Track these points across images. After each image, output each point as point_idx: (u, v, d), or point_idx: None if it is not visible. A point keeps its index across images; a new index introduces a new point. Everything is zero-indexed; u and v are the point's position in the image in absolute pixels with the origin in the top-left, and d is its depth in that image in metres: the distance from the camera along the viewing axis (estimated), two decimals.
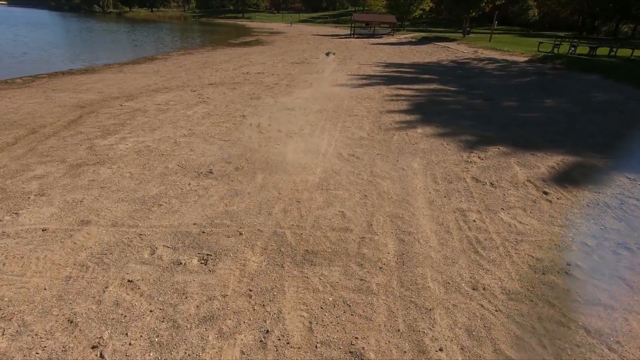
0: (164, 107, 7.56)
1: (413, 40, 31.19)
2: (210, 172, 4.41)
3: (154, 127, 6.15)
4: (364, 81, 10.97)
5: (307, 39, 31.95)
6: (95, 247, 2.98)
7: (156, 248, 2.98)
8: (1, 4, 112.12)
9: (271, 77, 11.38)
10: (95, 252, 2.91)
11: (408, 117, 7.05)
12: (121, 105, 7.67)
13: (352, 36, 36.83)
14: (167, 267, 2.75)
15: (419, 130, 6.25)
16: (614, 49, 17.11)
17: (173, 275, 2.67)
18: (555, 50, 18.43)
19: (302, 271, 2.74)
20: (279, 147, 5.28)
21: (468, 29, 35.64)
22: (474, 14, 30.65)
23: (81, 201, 3.70)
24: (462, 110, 7.73)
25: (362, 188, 4.08)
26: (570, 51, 17.31)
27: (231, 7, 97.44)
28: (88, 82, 10.34)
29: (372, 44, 27.74)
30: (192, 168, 4.55)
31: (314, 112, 7.28)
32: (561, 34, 34.48)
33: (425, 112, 7.49)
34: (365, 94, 9.02)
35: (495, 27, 32.16)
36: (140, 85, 9.84)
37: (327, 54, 18.85)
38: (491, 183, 4.23)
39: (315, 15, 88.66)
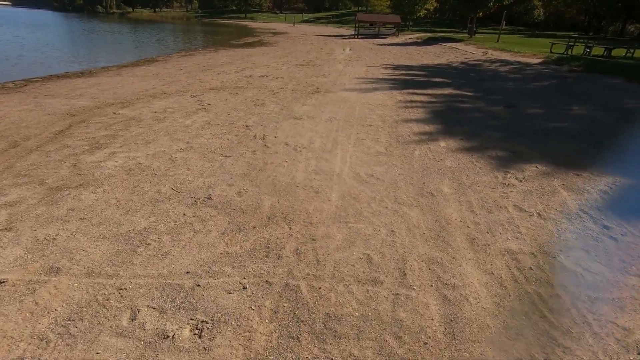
0: (160, 115, 6.94)
1: (419, 40, 30.49)
2: (209, 199, 3.78)
3: (148, 140, 5.53)
4: (374, 85, 10.32)
5: (311, 40, 31.30)
6: (62, 309, 2.35)
7: (138, 310, 2.35)
8: (5, 4, 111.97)
9: (275, 81, 10.74)
10: (61, 317, 2.28)
11: (427, 128, 6.40)
12: (115, 113, 7.05)
13: (356, 36, 36.14)
14: (149, 343, 2.12)
15: (442, 143, 5.60)
16: (631, 50, 16.39)
17: (157, 356, 2.03)
18: (569, 52, 17.71)
19: (324, 349, 2.10)
20: (287, 166, 4.65)
21: (474, 29, 34.93)
22: (480, 14, 29.90)
23: (54, 239, 3.07)
24: (485, 118, 7.08)
25: (387, 220, 3.44)
26: (585, 52, 16.59)
27: (234, 8, 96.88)
28: (83, 87, 9.74)
29: (378, 45, 27.06)
30: (188, 192, 3.92)
31: (324, 121, 6.64)
32: (573, 34, 33.66)
33: (445, 121, 6.83)
34: (377, 100, 8.37)
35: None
36: (138, 90, 9.22)
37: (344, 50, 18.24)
38: (538, 214, 3.58)
39: (318, 15, 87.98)
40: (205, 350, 2.08)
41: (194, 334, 2.18)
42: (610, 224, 3.39)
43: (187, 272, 2.70)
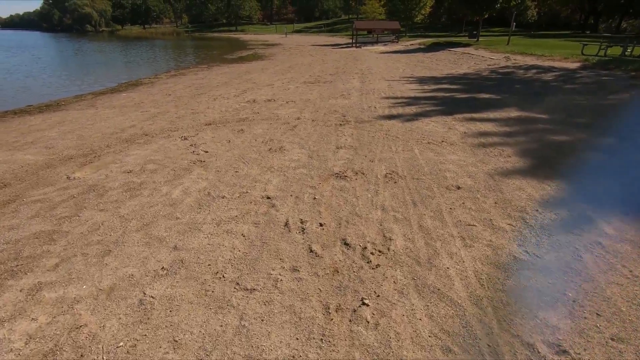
0: (136, 179, 4.59)
1: (422, 47, 28.44)
2: None
3: (107, 247, 3.17)
4: (413, 108, 8.05)
5: (308, 51, 29.15)
6: None
7: None
8: None
9: (287, 107, 8.44)
10: None
11: (546, 188, 4.10)
12: (69, 177, 4.70)
13: (354, 45, 34.09)
14: None
15: (606, 228, 3.29)
16: None
17: None
18: (603, 53, 15.65)
19: None
20: (371, 317, 2.32)
21: (475, 32, 33.02)
22: (486, 15, 27.97)
23: None
24: (614, 165, 4.81)
25: None
26: (626, 53, 14.52)
27: (224, 20, 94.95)
28: (40, 128, 7.37)
29: (381, 53, 24.95)
30: None
31: (382, 179, 4.34)
32: (567, 32, 31.79)
33: (560, 171, 4.55)
34: (434, 134, 6.09)
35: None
36: (111, 131, 6.86)
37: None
38: None
39: (308, 25, 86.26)
40: None
41: None
42: None
43: None
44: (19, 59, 23.05)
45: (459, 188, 4.07)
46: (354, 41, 34.47)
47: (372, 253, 2.96)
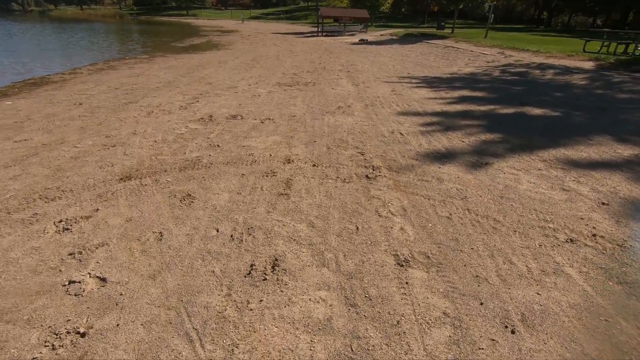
0: None
1: (395, 38, 25.83)
2: None
3: None
4: (460, 138, 5.23)
5: (271, 39, 25.47)
6: None
7: None
8: None
9: (264, 134, 5.26)
10: None
11: None
12: None
13: (319, 34, 30.77)
14: None
15: None
16: None
17: None
18: (604, 50, 13.87)
19: None
20: None
21: (442, 23, 31.02)
22: (461, 6, 25.86)
23: None
24: None
25: None
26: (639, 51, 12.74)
27: (174, 4, 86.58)
28: None
29: (354, 44, 21.98)
30: None
31: None
32: (520, 26, 30.90)
33: None
34: (555, 208, 3.29)
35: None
36: None
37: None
38: None
39: (266, 11, 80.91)
40: None
41: None
42: None
43: None
44: None
45: None
46: (319, 30, 31.11)
47: None
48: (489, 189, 3.58)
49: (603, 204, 3.30)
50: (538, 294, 2.24)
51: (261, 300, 2.20)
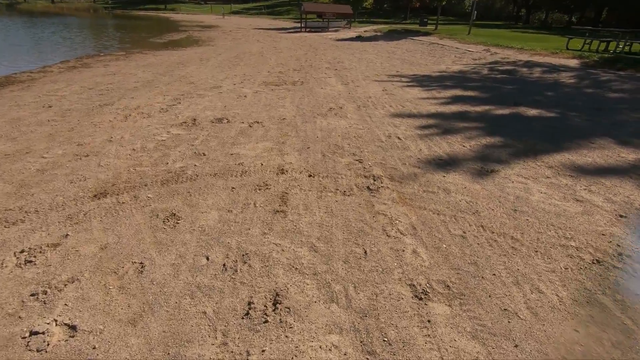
0: None
1: (379, 34, 25.61)
2: None
3: None
4: (460, 142, 5.00)
5: (253, 35, 24.83)
6: None
7: None
8: None
9: (253, 139, 4.89)
10: None
11: None
12: None
13: (303, 29, 30.25)
14: None
15: None
16: None
17: None
18: (586, 48, 14.02)
19: None
20: None
21: (425, 20, 31.05)
22: (444, 2, 25.85)
23: None
24: None
25: None
26: (621, 49, 12.88)
27: None
28: None
29: (338, 41, 21.62)
30: None
31: None
32: (499, 22, 31.34)
33: None
34: (573, 223, 3.08)
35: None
36: None
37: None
38: None
39: (247, 6, 79.35)
40: None
41: None
42: None
43: None
44: None
45: None
46: (302, 25, 30.58)
47: None
48: (500, 201, 3.34)
49: (621, 216, 3.11)
50: (576, 330, 1.99)
51: (263, 351, 1.87)
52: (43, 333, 1.95)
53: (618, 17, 34.97)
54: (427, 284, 2.31)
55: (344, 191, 3.51)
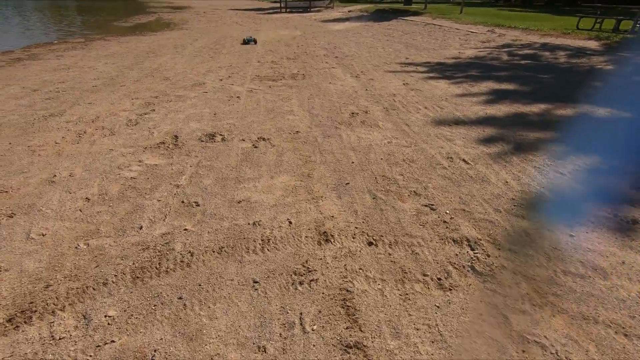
0: None
1: (366, 14, 23.79)
2: None
3: None
4: (557, 174, 3.67)
5: (230, 17, 22.55)
6: None
7: None
8: None
9: (268, 175, 3.39)
10: None
11: None
12: None
13: (283, 10, 27.98)
14: None
15: None
16: None
17: None
18: (597, 27, 12.94)
19: None
20: None
21: None
22: None
23: None
24: None
25: None
26: (637, 28, 11.83)
27: None
28: None
29: (325, 22, 19.75)
30: None
31: None
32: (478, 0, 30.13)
33: None
34: None
35: None
36: None
37: (247, 42, 11.16)
38: None
39: None
40: None
41: None
42: None
43: None
44: None
45: None
46: (282, 5, 28.27)
47: None
48: None
49: None
50: None
51: None
52: None
53: None
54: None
55: (438, 278, 2.12)
